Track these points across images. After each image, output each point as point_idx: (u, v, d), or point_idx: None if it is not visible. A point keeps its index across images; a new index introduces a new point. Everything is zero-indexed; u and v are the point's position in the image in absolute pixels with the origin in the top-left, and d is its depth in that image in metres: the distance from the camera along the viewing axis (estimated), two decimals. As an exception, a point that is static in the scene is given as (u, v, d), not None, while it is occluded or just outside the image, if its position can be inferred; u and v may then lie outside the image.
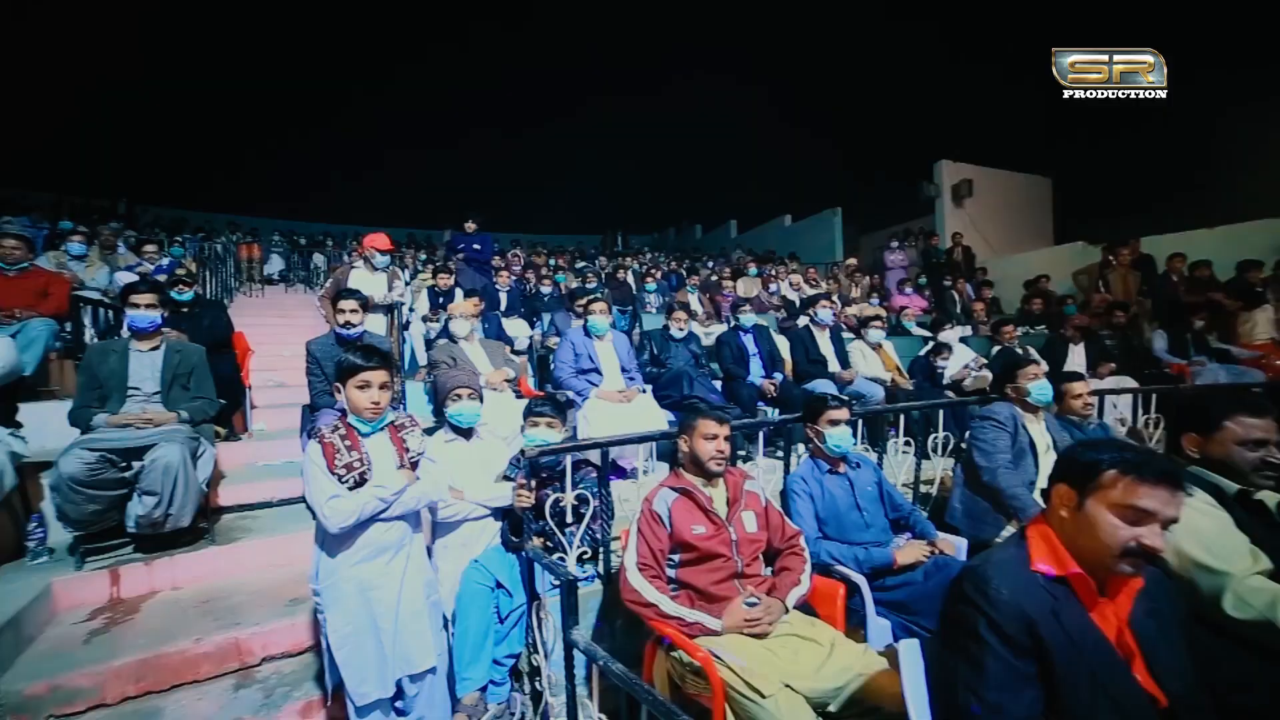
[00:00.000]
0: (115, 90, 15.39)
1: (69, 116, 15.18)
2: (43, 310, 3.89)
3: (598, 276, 8.82)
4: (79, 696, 2.10)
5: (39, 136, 14.66)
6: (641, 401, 3.71)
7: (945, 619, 1.19)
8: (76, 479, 2.45)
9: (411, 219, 17.41)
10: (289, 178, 19.07)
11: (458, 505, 2.16)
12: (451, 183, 20.80)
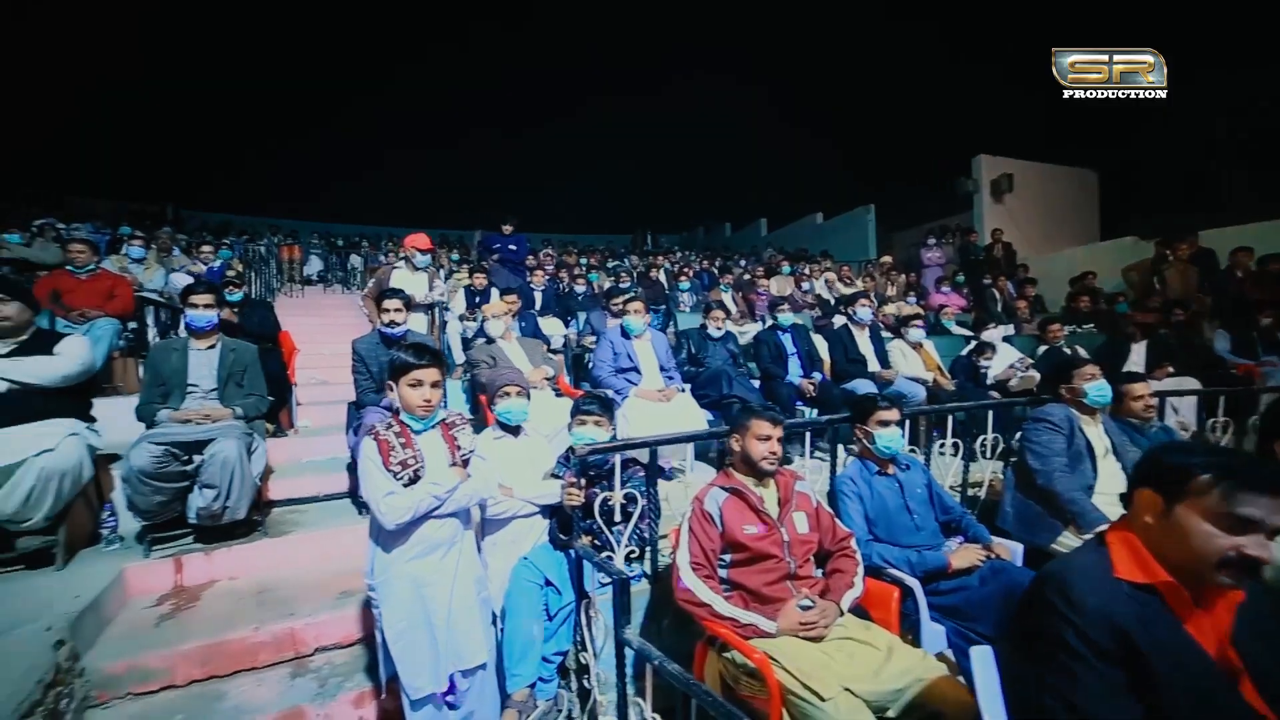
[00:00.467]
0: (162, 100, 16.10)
1: (122, 126, 15.93)
2: (109, 311, 4.08)
3: (630, 275, 8.83)
4: (152, 677, 2.20)
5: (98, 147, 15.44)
6: (680, 401, 3.70)
7: (1023, 628, 1.15)
8: (145, 471, 2.56)
9: (443, 219, 17.71)
10: (326, 181, 19.64)
11: (507, 502, 2.19)
12: (478, 182, 21.16)
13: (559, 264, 8.11)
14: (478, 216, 15.62)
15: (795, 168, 19.71)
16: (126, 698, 2.16)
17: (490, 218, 6.56)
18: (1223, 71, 9.19)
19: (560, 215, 20.88)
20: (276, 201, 18.34)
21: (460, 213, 17.36)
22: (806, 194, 16.99)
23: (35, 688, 1.80)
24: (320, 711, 2.20)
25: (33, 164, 14.39)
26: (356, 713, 2.25)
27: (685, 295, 6.96)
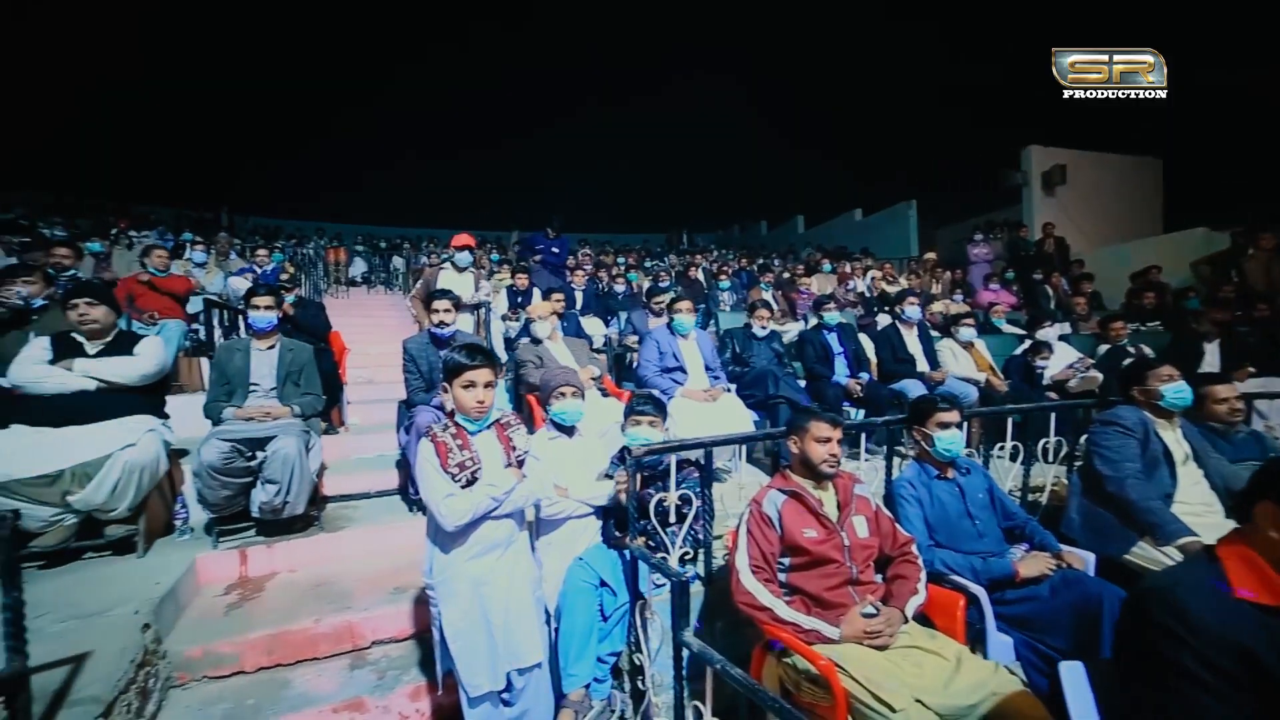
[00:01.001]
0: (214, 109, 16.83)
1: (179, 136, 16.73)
2: (177, 313, 4.29)
3: (669, 274, 8.81)
4: (224, 662, 2.29)
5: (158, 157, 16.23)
6: (726, 401, 3.66)
7: (1128, 648, 1.09)
8: (213, 466, 2.66)
9: (481, 220, 18.03)
10: (368, 184, 20.21)
11: (563, 503, 2.19)
12: (513, 182, 21.45)
13: (597, 264, 8.14)
14: (514, 217, 15.91)
15: (832, 164, 19.37)
16: (203, 680, 2.26)
17: (527, 217, 6.65)
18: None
19: (594, 214, 21.03)
20: (321, 205, 18.99)
21: (497, 213, 17.68)
22: (844, 190, 16.68)
23: (130, 667, 1.90)
24: (380, 703, 2.26)
25: (101, 174, 15.28)
26: (413, 705, 2.30)
27: (725, 294, 6.90)
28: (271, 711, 2.16)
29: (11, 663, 1.43)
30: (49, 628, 1.97)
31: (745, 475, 3.37)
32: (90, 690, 1.77)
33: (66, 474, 2.49)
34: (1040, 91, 6.72)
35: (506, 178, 21.57)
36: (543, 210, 6.42)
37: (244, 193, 17.30)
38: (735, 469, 3.43)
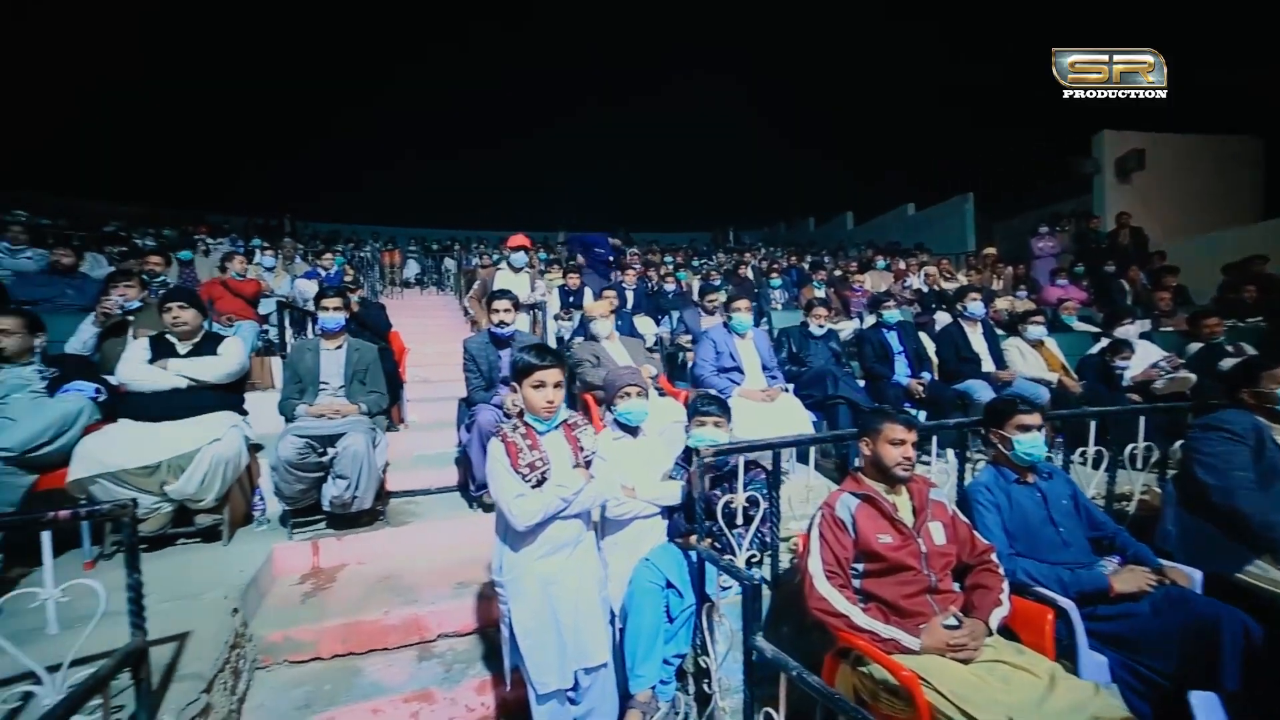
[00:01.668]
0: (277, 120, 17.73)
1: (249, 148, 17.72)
2: (249, 315, 4.52)
3: (718, 273, 8.72)
4: (303, 648, 2.39)
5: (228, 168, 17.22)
6: (784, 401, 3.59)
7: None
8: (290, 461, 2.79)
9: (527, 221, 18.37)
10: (419, 188, 20.90)
11: (629, 503, 2.19)
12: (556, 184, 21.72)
13: (645, 263, 8.14)
14: (559, 218, 16.12)
15: (882, 158, 18.83)
16: (283, 664, 2.37)
17: (573, 218, 6.71)
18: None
19: (638, 213, 21.10)
20: (375, 209, 19.74)
21: (543, 214, 17.95)
22: (895, 185, 16.17)
23: (224, 648, 2.01)
24: (447, 695, 2.30)
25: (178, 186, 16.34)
26: (479, 699, 2.34)
27: (777, 292, 6.78)
28: (346, 698, 2.24)
29: (134, 637, 1.53)
30: (153, 607, 2.09)
31: (800, 477, 3.29)
32: (194, 667, 1.88)
33: (163, 465, 2.65)
34: (1232, 42, 6.30)
35: (546, 178, 21.94)
36: (595, 212, 6.48)
37: (305, 199, 18.22)
38: (791, 470, 3.36)
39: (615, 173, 22.52)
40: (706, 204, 21.64)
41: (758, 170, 22.31)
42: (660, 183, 22.34)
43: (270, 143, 19.45)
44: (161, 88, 16.47)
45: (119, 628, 1.57)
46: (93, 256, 5.22)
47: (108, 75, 14.71)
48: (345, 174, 20.93)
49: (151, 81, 15.95)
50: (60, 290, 4.42)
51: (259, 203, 17.00)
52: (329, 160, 20.42)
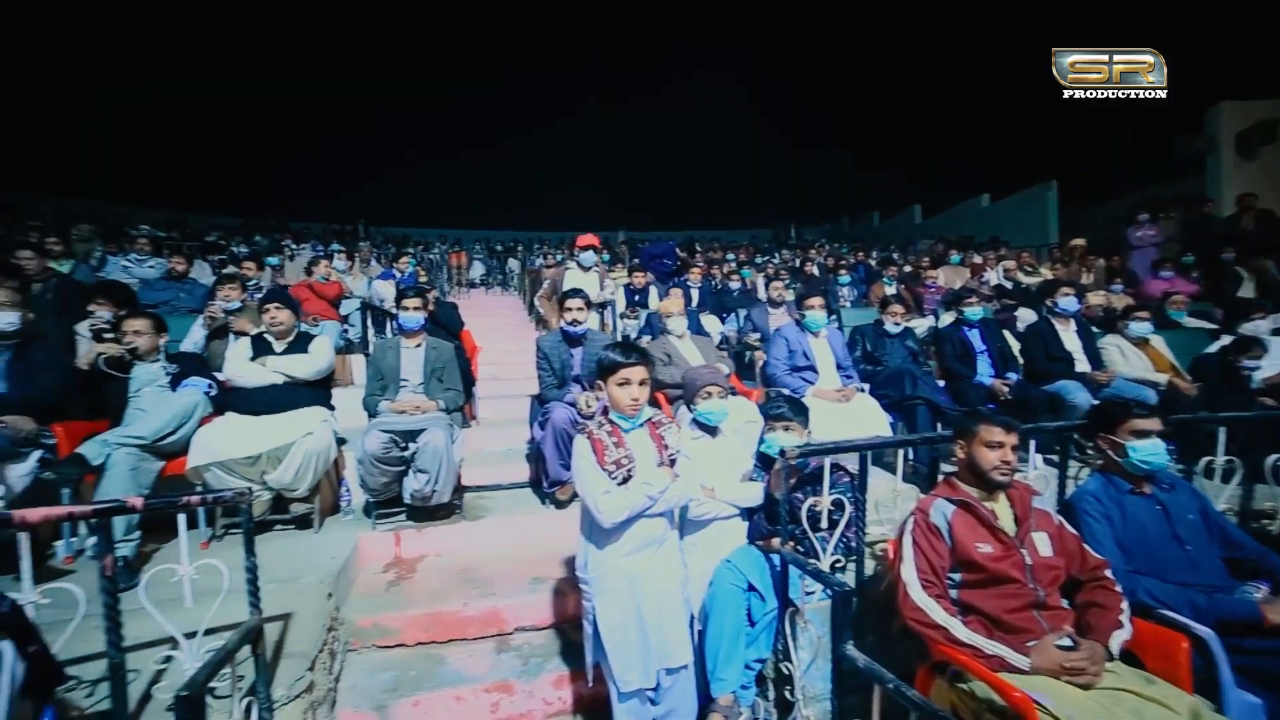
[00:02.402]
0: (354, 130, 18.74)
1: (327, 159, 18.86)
2: (331, 315, 4.78)
3: (788, 271, 8.53)
4: (389, 634, 2.49)
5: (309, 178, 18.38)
6: (860, 401, 3.46)
7: None
8: (375, 455, 2.92)
9: (587, 222, 18.63)
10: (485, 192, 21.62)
11: (709, 504, 2.16)
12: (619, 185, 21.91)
13: (708, 260, 8.06)
14: (623, 218, 16.27)
15: (954, 146, 17.92)
16: (372, 648, 2.48)
17: (636, 218, 6.73)
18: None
19: (698, 212, 21.02)
20: (442, 212, 20.57)
21: (606, 215, 18.16)
22: (967, 175, 15.35)
23: (322, 630, 2.13)
24: (526, 687, 2.35)
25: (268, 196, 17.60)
26: (556, 693, 2.37)
27: (845, 289, 6.56)
28: (431, 684, 2.32)
29: (252, 615, 1.65)
30: (260, 587, 2.26)
31: (899, 482, 3.14)
32: (298, 646, 2.00)
33: (263, 456, 2.84)
34: (1232, 42, 5.85)
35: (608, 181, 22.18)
36: (628, 208, 6.50)
37: (378, 205, 19.23)
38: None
39: (665, 170, 22.59)
40: (764, 201, 21.30)
41: (816, 165, 21.74)
42: (714, 180, 22.20)
43: (348, 152, 20.72)
44: (240, 93, 17.71)
45: (233, 604, 1.69)
46: (199, 263, 5.68)
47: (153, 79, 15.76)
48: (415, 179, 21.96)
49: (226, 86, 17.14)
50: (175, 294, 4.84)
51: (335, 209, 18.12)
52: (399, 166, 21.49)
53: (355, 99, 21.45)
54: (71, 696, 1.51)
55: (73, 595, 1.51)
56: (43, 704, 1.17)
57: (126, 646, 1.44)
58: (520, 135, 22.72)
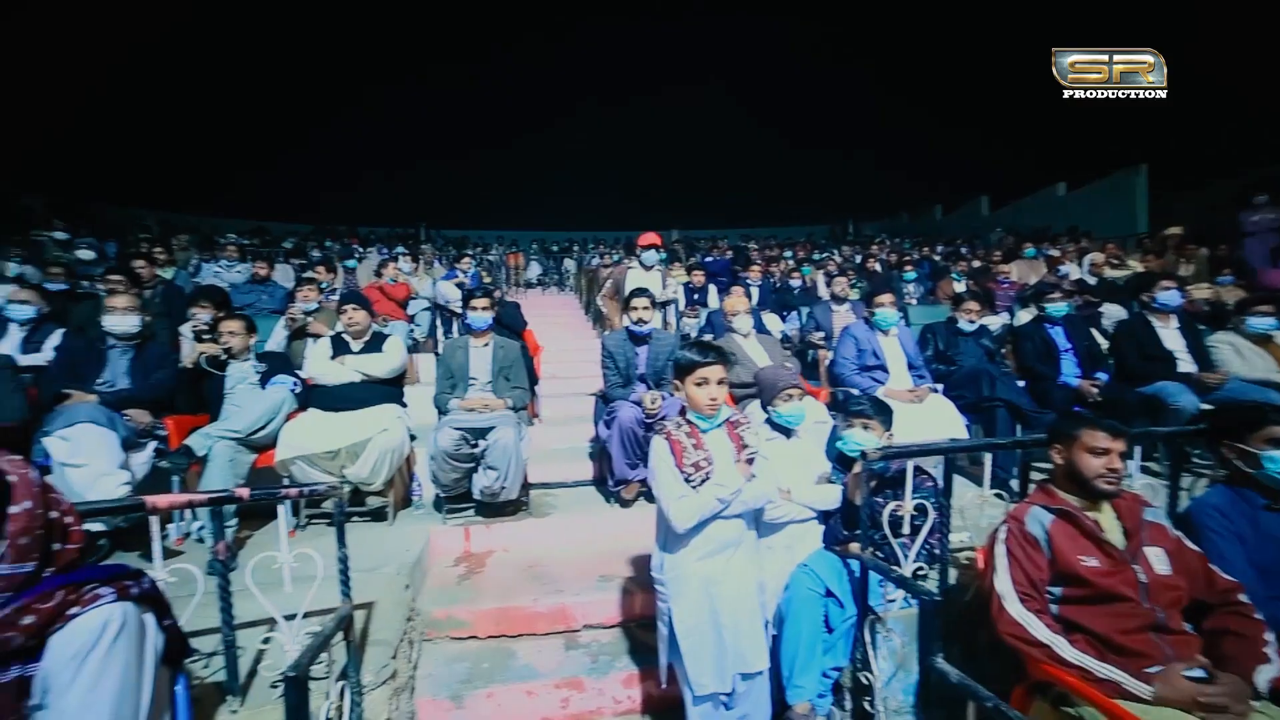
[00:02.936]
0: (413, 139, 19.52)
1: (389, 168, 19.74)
2: (399, 315, 4.97)
3: (855, 270, 8.29)
4: (462, 626, 2.56)
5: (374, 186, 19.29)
6: (934, 402, 3.31)
7: None
8: (447, 451, 3.00)
9: (637, 221, 18.68)
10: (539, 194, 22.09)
11: (785, 506, 2.11)
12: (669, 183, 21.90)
13: (766, 258, 7.92)
14: (677, 218, 16.25)
15: (1022, 133, 16.89)
16: (446, 639, 2.55)
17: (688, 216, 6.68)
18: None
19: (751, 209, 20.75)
20: (498, 214, 21.14)
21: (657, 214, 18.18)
22: (1040, 162, 14.45)
23: (402, 619, 2.21)
24: (596, 685, 2.36)
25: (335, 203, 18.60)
26: (626, 692, 2.38)
27: (910, 286, 6.31)
28: (502, 677, 2.37)
29: (344, 602, 1.74)
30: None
31: (986, 489, 2.99)
32: (381, 634, 2.09)
33: (342, 452, 2.97)
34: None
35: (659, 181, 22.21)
36: (684, 208, 6.44)
37: (439, 209, 19.96)
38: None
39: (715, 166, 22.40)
40: (817, 197, 20.77)
41: (872, 157, 21.02)
42: (765, 177, 21.83)
43: (407, 157, 21.70)
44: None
45: (322, 590, 1.78)
46: (282, 267, 6.05)
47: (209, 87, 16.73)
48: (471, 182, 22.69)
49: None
50: (258, 297, 5.17)
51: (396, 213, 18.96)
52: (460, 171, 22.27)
53: (408, 103, 22.37)
54: (192, 668, 1.62)
55: (191, 574, 1.63)
56: (176, 672, 1.26)
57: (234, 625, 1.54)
58: (567, 134, 23.14)
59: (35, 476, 1.08)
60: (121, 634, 1.06)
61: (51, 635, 1.01)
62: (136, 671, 1.08)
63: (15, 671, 1.00)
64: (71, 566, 1.10)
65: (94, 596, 1.06)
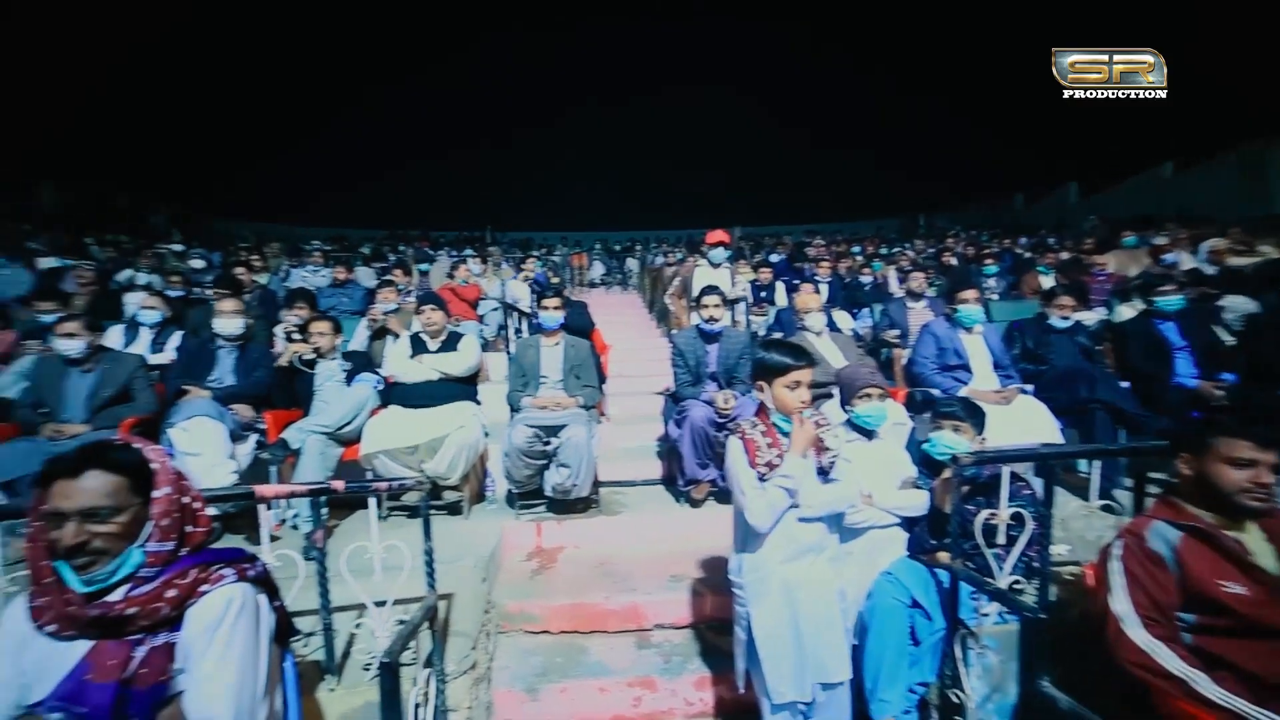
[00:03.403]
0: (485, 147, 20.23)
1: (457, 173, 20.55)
2: (470, 316, 5.15)
3: (935, 267, 7.92)
4: (535, 621, 2.61)
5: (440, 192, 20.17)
6: (1023, 404, 3.08)
7: None
8: (520, 448, 3.07)
9: (684, 220, 18.65)
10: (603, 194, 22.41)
11: (867, 511, 2.02)
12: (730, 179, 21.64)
13: (835, 254, 7.68)
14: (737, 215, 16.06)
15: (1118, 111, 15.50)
16: (519, 632, 2.61)
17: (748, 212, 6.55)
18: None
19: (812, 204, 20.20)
20: (561, 216, 21.58)
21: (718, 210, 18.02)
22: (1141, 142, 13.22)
23: (480, 611, 2.27)
24: (669, 685, 2.35)
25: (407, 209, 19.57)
26: (698, 694, 2.35)
27: (992, 280, 5.93)
28: (575, 673, 2.40)
29: (429, 593, 1.80)
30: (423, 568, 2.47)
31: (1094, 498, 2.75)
32: (461, 625, 2.16)
33: (421, 447, 3.09)
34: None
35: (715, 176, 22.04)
36: (747, 204, 6.31)
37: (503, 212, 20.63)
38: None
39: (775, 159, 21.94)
40: (882, 189, 19.93)
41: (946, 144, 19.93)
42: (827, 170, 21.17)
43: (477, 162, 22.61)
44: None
45: (402, 578, 1.86)
46: (363, 270, 6.42)
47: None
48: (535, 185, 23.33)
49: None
50: (339, 299, 5.49)
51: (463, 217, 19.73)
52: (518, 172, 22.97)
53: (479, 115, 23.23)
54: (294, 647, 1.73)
55: (291, 559, 1.74)
56: (284, 651, 1.36)
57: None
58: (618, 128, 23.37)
59: (172, 464, 1.19)
60: (242, 611, 1.17)
61: (189, 608, 1.14)
62: (255, 645, 1.19)
63: (164, 637, 1.13)
64: (199, 548, 1.22)
65: (219, 576, 1.18)
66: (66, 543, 1.07)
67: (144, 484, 1.15)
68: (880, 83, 19.44)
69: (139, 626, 1.11)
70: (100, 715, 1.07)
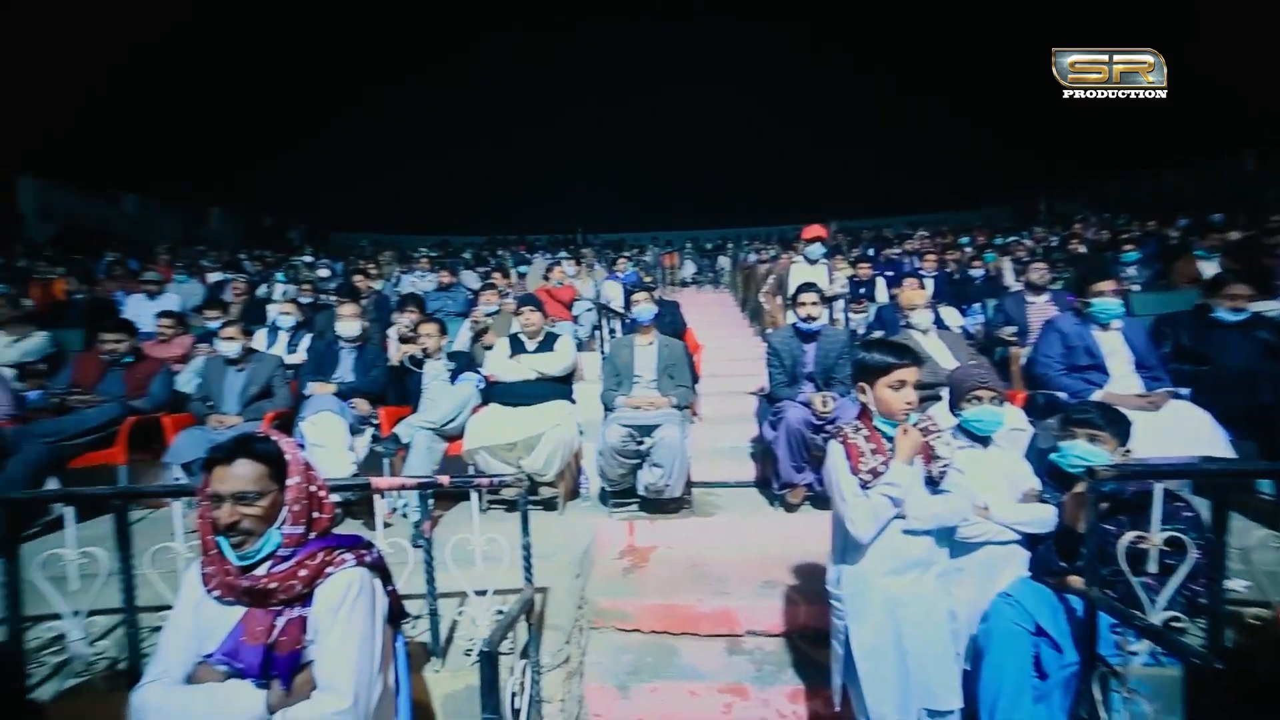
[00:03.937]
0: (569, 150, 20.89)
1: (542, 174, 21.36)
2: (565, 316, 5.31)
3: (1034, 251, 7.17)
4: (627, 619, 2.63)
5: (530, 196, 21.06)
6: (1176, 410, 2.68)
7: None
8: (615, 447, 3.12)
9: (770, 216, 18.09)
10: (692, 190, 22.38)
11: (982, 525, 1.84)
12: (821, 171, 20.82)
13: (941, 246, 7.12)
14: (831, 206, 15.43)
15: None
16: (611, 629, 2.64)
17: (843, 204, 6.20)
18: None
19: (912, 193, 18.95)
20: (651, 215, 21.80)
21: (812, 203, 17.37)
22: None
23: (574, 606, 2.34)
24: (760, 695, 2.29)
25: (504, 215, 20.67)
26: (791, 706, 2.27)
27: (1132, 268, 5.23)
28: (666, 674, 2.39)
29: (527, 586, 1.88)
30: (520, 562, 2.58)
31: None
32: (555, 619, 2.23)
33: (519, 444, 3.23)
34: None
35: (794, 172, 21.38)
36: (836, 196, 5.96)
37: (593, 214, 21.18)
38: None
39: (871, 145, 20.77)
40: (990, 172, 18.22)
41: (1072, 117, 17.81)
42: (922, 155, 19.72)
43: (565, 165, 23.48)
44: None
45: (501, 570, 1.95)
46: (467, 273, 6.85)
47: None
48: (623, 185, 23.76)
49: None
50: (443, 302, 5.88)
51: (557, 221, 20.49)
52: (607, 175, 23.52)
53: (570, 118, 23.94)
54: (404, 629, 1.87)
55: (402, 546, 1.87)
56: (396, 632, 1.50)
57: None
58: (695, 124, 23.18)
59: (302, 455, 1.33)
60: (361, 593, 1.30)
61: (317, 587, 1.28)
62: (371, 625, 1.31)
63: (299, 611, 1.27)
64: (324, 532, 1.36)
65: (341, 560, 1.31)
66: (223, 521, 1.24)
67: (281, 472, 1.30)
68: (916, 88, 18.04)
69: (279, 599, 1.26)
70: (253, 673, 1.24)
